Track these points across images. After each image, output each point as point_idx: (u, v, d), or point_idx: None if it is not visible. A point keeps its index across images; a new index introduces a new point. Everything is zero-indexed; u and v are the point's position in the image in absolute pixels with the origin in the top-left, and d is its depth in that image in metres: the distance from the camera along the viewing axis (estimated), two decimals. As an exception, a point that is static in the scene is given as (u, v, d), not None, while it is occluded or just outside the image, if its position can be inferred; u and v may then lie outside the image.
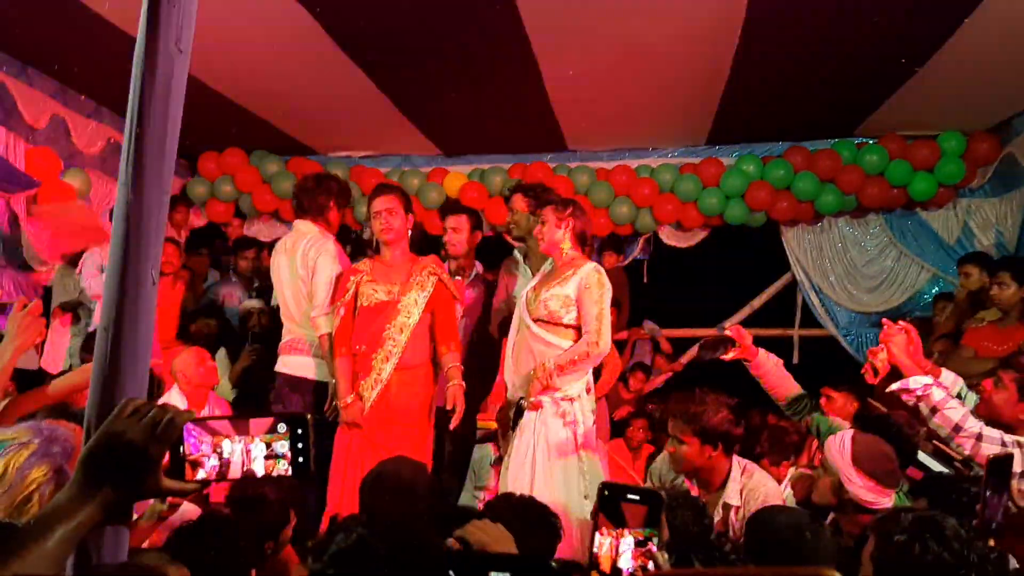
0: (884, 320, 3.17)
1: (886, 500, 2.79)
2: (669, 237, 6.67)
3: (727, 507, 3.02)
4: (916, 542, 1.86)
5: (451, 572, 0.85)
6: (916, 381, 2.89)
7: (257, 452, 1.23)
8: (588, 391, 3.52)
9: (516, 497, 2.59)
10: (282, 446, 1.23)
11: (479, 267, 4.68)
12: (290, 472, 1.23)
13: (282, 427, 1.24)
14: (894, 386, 2.97)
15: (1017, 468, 2.66)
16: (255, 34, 4.38)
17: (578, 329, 3.47)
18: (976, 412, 2.95)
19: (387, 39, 4.45)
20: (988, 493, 1.79)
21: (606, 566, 1.42)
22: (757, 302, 7.04)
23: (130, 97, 1.28)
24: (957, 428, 2.79)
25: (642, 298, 6.58)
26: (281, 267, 4.19)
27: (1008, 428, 2.85)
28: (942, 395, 2.85)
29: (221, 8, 4.01)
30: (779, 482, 3.36)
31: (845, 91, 5.24)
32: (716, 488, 3.09)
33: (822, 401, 4.11)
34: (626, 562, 1.43)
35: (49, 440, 1.48)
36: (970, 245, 6.08)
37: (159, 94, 1.27)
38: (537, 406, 3.41)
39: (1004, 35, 4.23)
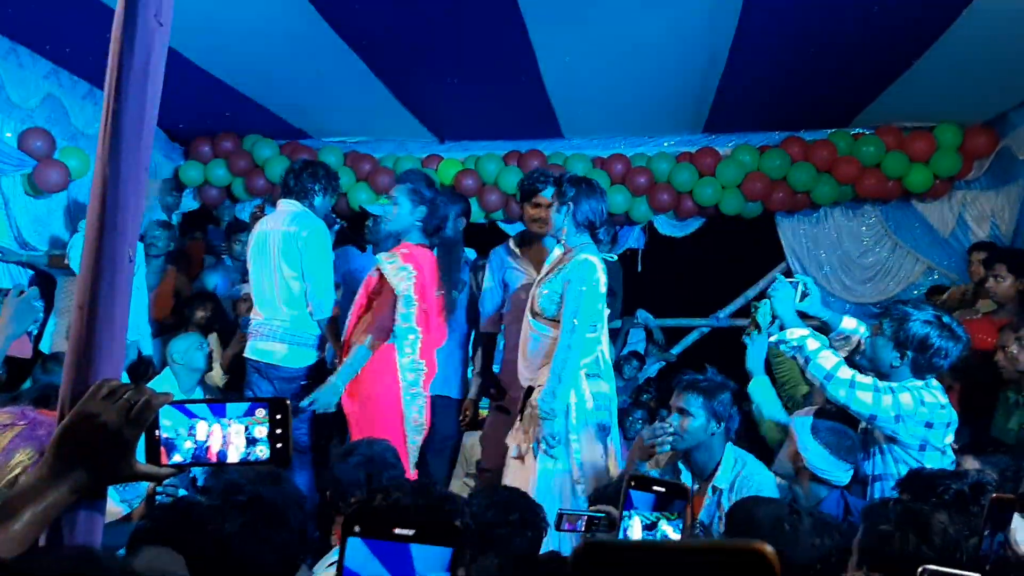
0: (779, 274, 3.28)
1: (839, 473, 2.85)
2: (664, 226, 6.64)
3: (716, 490, 3.02)
4: (898, 533, 1.86)
5: (356, 527, 0.86)
6: (792, 333, 3.00)
7: (234, 436, 1.20)
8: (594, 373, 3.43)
9: (501, 490, 2.58)
10: (260, 431, 1.21)
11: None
12: (267, 457, 1.21)
13: (261, 412, 1.21)
14: (772, 339, 3.09)
15: (892, 412, 2.80)
16: (250, 17, 4.33)
17: None
18: (864, 357, 3.05)
19: (383, 23, 4.40)
20: (988, 532, 1.75)
21: None
22: (751, 292, 7.02)
23: (108, 71, 1.24)
24: (829, 376, 2.88)
25: (636, 287, 6.56)
26: (257, 244, 4.13)
27: (885, 375, 2.92)
28: (816, 346, 2.97)
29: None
30: None
31: (842, 81, 5.20)
32: (709, 475, 3.08)
33: None
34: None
35: (33, 424, 1.45)
36: (965, 238, 6.05)
37: (138, 68, 1.24)
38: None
39: (1002, 28, 4.20)
